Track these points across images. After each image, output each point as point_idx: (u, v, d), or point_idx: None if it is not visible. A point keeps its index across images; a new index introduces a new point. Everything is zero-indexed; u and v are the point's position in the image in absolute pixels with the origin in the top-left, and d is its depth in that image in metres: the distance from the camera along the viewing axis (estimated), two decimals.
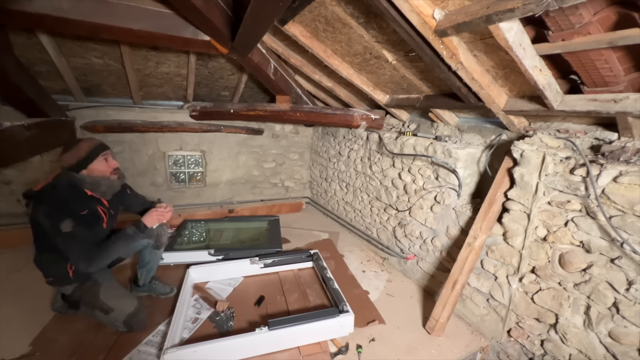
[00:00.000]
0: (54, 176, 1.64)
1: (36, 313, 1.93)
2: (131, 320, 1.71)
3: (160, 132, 3.43)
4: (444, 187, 2.19)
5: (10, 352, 1.63)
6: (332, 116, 2.96)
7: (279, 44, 2.40)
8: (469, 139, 2.23)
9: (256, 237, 3.17)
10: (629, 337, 1.29)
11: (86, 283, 1.72)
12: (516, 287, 1.73)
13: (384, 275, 2.61)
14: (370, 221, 3.12)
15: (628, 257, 1.27)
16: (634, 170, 1.25)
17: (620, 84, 1.24)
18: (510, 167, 1.72)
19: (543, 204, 1.57)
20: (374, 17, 1.60)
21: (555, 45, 1.20)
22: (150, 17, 1.84)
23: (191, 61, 2.66)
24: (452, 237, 2.13)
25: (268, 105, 3.16)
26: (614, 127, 1.46)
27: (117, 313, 1.69)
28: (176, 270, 2.46)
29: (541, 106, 1.53)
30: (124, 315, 1.69)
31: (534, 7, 0.99)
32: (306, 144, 4.36)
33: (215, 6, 1.72)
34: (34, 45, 2.22)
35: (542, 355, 1.64)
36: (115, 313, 1.68)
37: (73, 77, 2.67)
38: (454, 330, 1.97)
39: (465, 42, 1.45)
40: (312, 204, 4.39)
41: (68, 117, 2.93)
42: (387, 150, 2.64)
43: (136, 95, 3.11)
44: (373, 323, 1.97)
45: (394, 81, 2.28)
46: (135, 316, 1.72)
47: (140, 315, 1.76)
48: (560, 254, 1.51)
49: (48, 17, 1.65)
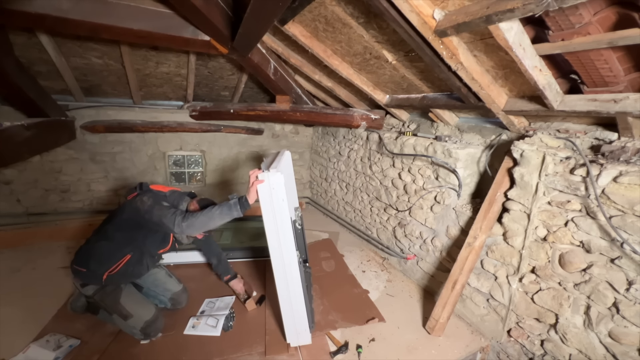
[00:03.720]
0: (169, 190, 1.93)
1: (36, 313, 1.94)
2: (149, 327, 1.72)
3: (160, 132, 3.44)
4: (444, 187, 2.18)
5: (10, 352, 1.63)
6: (332, 116, 2.96)
7: (279, 44, 2.40)
8: (469, 139, 2.23)
9: (256, 237, 3.17)
10: (629, 337, 1.29)
11: (108, 287, 1.74)
12: (516, 287, 1.73)
13: (384, 275, 2.61)
14: (370, 221, 3.12)
15: (628, 257, 1.27)
16: (634, 170, 1.25)
17: (620, 84, 1.24)
18: (510, 167, 1.72)
19: (543, 204, 1.57)
20: (374, 17, 1.60)
21: (555, 45, 1.20)
22: (150, 17, 1.84)
23: (191, 61, 2.66)
24: (452, 237, 2.13)
25: (268, 105, 3.16)
26: (614, 127, 1.46)
27: (135, 319, 1.70)
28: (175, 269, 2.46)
29: (541, 106, 1.52)
30: (141, 322, 1.71)
31: (534, 7, 0.99)
32: (306, 144, 4.36)
33: (215, 6, 1.71)
34: (34, 45, 2.22)
35: (542, 355, 1.64)
36: (133, 319, 1.70)
37: (73, 77, 2.67)
38: (454, 330, 1.97)
39: (465, 42, 1.45)
40: (312, 203, 4.39)
41: (68, 117, 2.93)
42: (387, 150, 2.64)
43: (136, 95, 3.11)
44: (373, 321, 1.97)
45: (394, 81, 2.28)
46: (153, 323, 1.74)
47: (157, 322, 1.78)
48: (560, 254, 1.51)
49: (48, 17, 1.65)
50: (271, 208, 1.48)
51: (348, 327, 1.93)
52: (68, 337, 1.74)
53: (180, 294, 2.05)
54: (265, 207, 1.48)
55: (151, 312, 1.76)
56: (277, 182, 1.45)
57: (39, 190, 3.12)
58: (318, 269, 2.61)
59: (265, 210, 1.49)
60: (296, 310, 1.67)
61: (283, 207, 1.48)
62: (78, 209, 3.33)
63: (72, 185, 3.26)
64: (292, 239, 1.55)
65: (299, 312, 1.68)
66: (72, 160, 3.19)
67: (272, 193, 1.46)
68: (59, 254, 2.72)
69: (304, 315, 1.69)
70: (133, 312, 1.71)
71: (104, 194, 3.43)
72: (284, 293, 1.64)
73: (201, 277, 2.47)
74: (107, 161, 3.36)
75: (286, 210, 1.49)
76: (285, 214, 1.49)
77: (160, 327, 1.81)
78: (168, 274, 2.11)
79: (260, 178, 1.46)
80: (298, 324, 1.71)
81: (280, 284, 1.62)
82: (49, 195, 3.19)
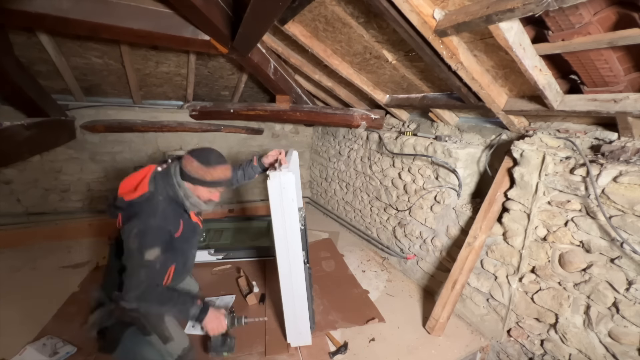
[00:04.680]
0: (150, 178, 1.37)
1: (36, 313, 1.94)
2: (185, 356, 1.51)
3: (160, 132, 3.43)
4: (444, 187, 2.18)
5: (11, 352, 1.63)
6: (332, 116, 2.96)
7: (279, 44, 2.40)
8: (469, 138, 2.23)
9: (256, 237, 3.17)
10: (628, 336, 1.29)
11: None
12: (516, 287, 1.73)
13: (384, 275, 2.61)
14: (370, 221, 3.12)
15: (628, 257, 1.27)
16: (634, 170, 1.25)
17: (620, 84, 1.24)
18: (510, 166, 1.72)
19: (543, 204, 1.57)
20: (374, 17, 1.60)
21: (555, 45, 1.20)
22: (150, 17, 1.84)
23: (191, 61, 2.66)
24: (452, 237, 2.13)
25: (268, 105, 3.16)
26: (614, 127, 1.46)
27: (175, 344, 1.48)
28: None
29: (541, 106, 1.52)
30: (180, 348, 1.49)
31: (534, 7, 0.99)
32: (306, 143, 4.36)
33: (215, 6, 1.71)
34: (34, 45, 2.22)
35: (542, 355, 1.65)
36: (173, 344, 1.47)
37: (73, 76, 2.67)
38: (454, 330, 1.97)
39: (465, 42, 1.45)
40: (312, 203, 4.39)
41: (68, 116, 2.93)
42: (387, 150, 2.64)
43: (136, 94, 3.11)
44: (373, 321, 1.97)
45: (394, 81, 2.28)
46: (190, 352, 1.54)
47: (192, 353, 1.57)
48: (560, 254, 1.51)
49: (48, 16, 1.65)
50: (280, 208, 1.46)
51: (348, 327, 1.93)
52: (65, 342, 1.70)
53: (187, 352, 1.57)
54: (274, 206, 1.46)
55: (187, 340, 1.56)
56: (289, 182, 1.42)
57: (39, 190, 3.12)
58: (318, 269, 2.61)
59: (274, 209, 1.46)
60: (299, 310, 1.67)
61: (293, 207, 1.46)
62: (78, 209, 3.33)
63: (72, 184, 3.26)
64: (299, 240, 1.53)
65: (301, 313, 1.68)
66: (72, 160, 3.19)
67: (282, 192, 1.43)
68: (59, 254, 2.72)
69: (306, 316, 1.69)
70: (175, 336, 1.47)
71: (104, 194, 3.43)
72: (288, 293, 1.63)
73: (201, 277, 2.46)
74: (107, 161, 3.35)
75: (295, 210, 1.47)
76: (294, 214, 1.47)
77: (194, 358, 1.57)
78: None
79: (271, 177, 1.40)
80: (300, 325, 1.71)
81: (285, 284, 1.61)
82: (49, 195, 3.19)
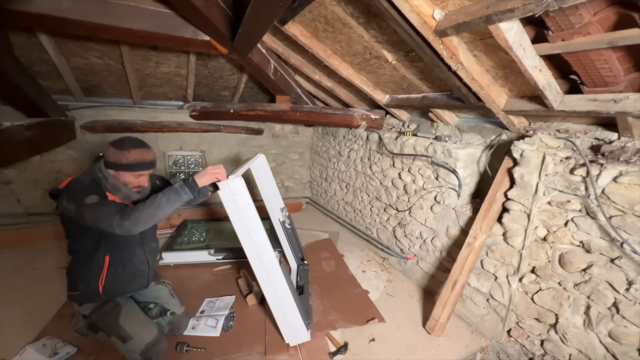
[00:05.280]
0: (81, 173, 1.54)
1: (36, 313, 1.94)
2: (150, 350, 1.52)
3: (160, 132, 3.44)
4: (444, 187, 2.18)
5: (11, 352, 1.63)
6: (332, 116, 2.96)
7: (279, 44, 2.40)
8: (469, 139, 2.23)
9: None
10: (629, 337, 1.29)
11: (107, 304, 1.58)
12: (516, 287, 1.73)
13: (384, 275, 2.61)
14: (370, 221, 3.12)
15: (628, 257, 1.27)
16: (634, 170, 1.25)
17: (620, 84, 1.24)
18: (510, 167, 1.72)
19: (543, 204, 1.57)
20: (374, 17, 1.60)
21: (555, 46, 1.20)
22: (150, 17, 1.84)
23: (191, 61, 2.66)
24: (452, 237, 2.13)
25: (268, 105, 3.16)
26: (614, 127, 1.46)
27: (135, 342, 1.50)
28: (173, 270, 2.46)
29: (541, 106, 1.52)
30: (142, 344, 1.51)
31: (534, 7, 0.99)
32: (306, 144, 4.36)
33: (215, 6, 1.71)
34: (34, 45, 2.22)
35: (542, 355, 1.64)
36: (132, 342, 1.50)
37: (73, 77, 2.67)
38: (454, 330, 1.97)
39: (465, 42, 1.45)
40: (312, 204, 4.39)
41: (68, 117, 2.93)
42: (387, 150, 2.64)
43: (136, 95, 3.11)
44: (373, 321, 1.97)
45: (394, 81, 2.28)
46: (154, 346, 1.55)
47: (160, 344, 1.59)
48: (560, 254, 1.51)
49: (48, 17, 1.64)
50: (239, 214, 1.50)
51: (348, 328, 1.93)
52: (65, 343, 1.69)
53: (180, 319, 1.79)
54: (232, 213, 1.50)
55: (153, 333, 1.57)
56: (238, 187, 1.48)
57: (39, 190, 3.12)
58: (318, 269, 2.61)
59: (233, 216, 1.51)
60: (286, 308, 1.67)
61: (250, 210, 1.51)
62: None
63: None
64: (266, 240, 1.57)
65: (290, 310, 1.68)
66: (72, 160, 3.19)
67: (235, 199, 1.47)
68: (59, 254, 2.72)
69: (296, 313, 1.69)
70: (133, 334, 1.51)
71: None
72: (270, 293, 1.65)
73: (201, 277, 2.47)
74: None
75: (254, 212, 1.52)
76: (254, 216, 1.52)
77: (164, 350, 1.61)
78: (171, 294, 1.87)
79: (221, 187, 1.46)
80: (292, 322, 1.71)
81: (265, 284, 1.64)
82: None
